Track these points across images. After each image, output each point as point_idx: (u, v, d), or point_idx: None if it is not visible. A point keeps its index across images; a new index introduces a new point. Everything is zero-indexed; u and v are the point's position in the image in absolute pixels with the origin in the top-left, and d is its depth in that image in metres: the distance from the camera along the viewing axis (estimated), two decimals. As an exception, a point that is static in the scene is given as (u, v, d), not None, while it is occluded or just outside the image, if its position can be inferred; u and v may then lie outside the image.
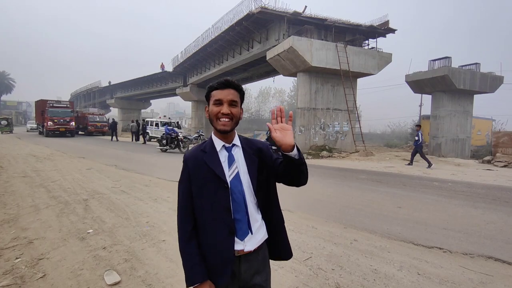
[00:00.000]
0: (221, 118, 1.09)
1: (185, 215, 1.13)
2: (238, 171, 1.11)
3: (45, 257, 2.78)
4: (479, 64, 18.41)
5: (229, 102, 1.10)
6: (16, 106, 58.43)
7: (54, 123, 22.48)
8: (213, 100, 1.11)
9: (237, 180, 1.10)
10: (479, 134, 29.17)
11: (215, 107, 1.11)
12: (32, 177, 6.63)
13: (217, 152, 1.12)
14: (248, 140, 1.22)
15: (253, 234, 1.10)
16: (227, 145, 1.14)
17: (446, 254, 2.95)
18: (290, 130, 1.04)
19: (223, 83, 1.11)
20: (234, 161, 1.12)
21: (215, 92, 1.12)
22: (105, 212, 4.17)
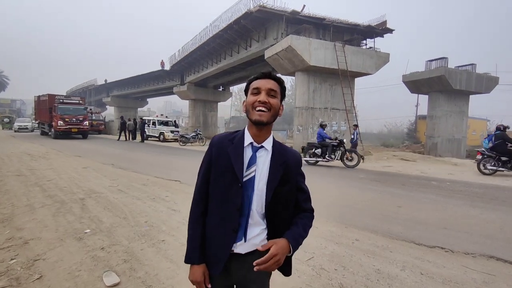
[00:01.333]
0: (258, 107, 1.01)
1: (199, 198, 1.12)
2: (254, 176, 1.04)
3: (41, 258, 2.71)
4: (475, 65, 18.59)
5: (268, 90, 1.02)
6: (10, 104, 57.58)
7: (65, 122, 18.72)
8: (251, 89, 1.05)
9: (250, 184, 1.03)
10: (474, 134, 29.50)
11: (252, 96, 1.04)
12: (27, 176, 6.51)
13: (243, 147, 1.05)
14: (282, 147, 1.12)
15: (246, 242, 1.05)
16: (255, 145, 1.06)
17: (448, 253, 2.94)
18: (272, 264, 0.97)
19: (264, 73, 1.06)
20: (254, 164, 1.04)
21: (254, 82, 1.06)
22: (103, 211, 4.10)
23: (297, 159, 1.13)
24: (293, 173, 1.09)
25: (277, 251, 0.96)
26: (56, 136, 19.13)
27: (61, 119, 18.66)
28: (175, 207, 4.41)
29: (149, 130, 21.37)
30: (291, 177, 1.08)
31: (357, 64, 14.32)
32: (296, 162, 1.12)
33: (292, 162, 1.09)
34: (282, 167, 1.06)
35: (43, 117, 21.64)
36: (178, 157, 11.32)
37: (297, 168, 1.12)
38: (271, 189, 1.03)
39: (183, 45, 23.87)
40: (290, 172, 1.08)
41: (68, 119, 18.97)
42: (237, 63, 19.47)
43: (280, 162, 1.06)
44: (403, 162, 11.26)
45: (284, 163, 1.07)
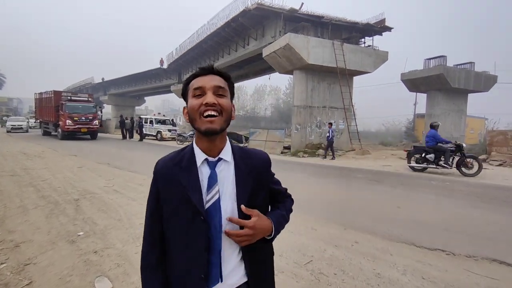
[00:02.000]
0: (205, 112, 0.79)
1: (152, 241, 0.88)
2: (219, 197, 0.82)
3: (32, 262, 2.63)
4: (473, 63, 18.58)
5: (214, 88, 0.81)
6: (7, 102, 57.12)
7: (74, 121, 16.96)
8: (192, 90, 0.82)
9: (215, 209, 0.81)
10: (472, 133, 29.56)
11: (195, 100, 0.80)
12: (21, 176, 6.40)
13: (196, 168, 0.83)
14: (245, 152, 0.92)
15: (223, 281, 0.82)
16: (210, 159, 0.84)
17: (449, 256, 2.89)
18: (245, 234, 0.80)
19: (204, 68, 0.85)
20: (216, 183, 0.82)
21: (194, 80, 0.84)
22: (97, 213, 4.01)
23: (264, 160, 0.94)
24: (264, 179, 0.92)
25: (256, 225, 0.81)
26: (63, 137, 17.22)
27: (69, 118, 16.81)
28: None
29: (147, 128, 21.21)
30: (264, 185, 0.92)
31: (356, 62, 14.25)
32: (264, 164, 0.93)
33: (261, 167, 0.91)
34: (251, 177, 0.87)
35: (46, 116, 19.77)
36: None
37: (267, 171, 0.94)
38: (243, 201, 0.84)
39: (181, 43, 23.73)
40: (261, 179, 0.90)
41: (77, 118, 17.14)
42: (235, 61, 19.35)
43: (247, 171, 0.87)
44: (402, 161, 11.22)
45: (252, 170, 0.88)
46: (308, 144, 14.22)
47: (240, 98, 51.45)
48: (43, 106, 20.50)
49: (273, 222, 0.87)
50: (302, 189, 5.89)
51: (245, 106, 51.71)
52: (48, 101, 19.31)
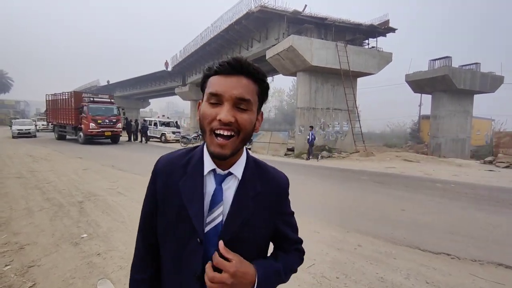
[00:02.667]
0: (217, 130, 0.62)
1: (144, 254, 0.77)
2: (222, 220, 0.67)
3: (36, 264, 2.65)
4: (479, 64, 18.36)
5: (235, 101, 0.62)
6: (14, 105, 58.03)
7: (98, 124, 15.73)
8: (208, 93, 0.64)
9: (216, 233, 0.66)
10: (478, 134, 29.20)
11: (210, 108, 0.63)
12: (27, 178, 6.49)
13: (202, 178, 0.68)
14: (260, 169, 0.74)
15: None
16: (219, 172, 0.69)
17: (454, 260, 2.85)
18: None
19: (230, 63, 0.63)
20: (221, 202, 0.67)
21: (213, 79, 0.65)
22: (101, 215, 4.05)
23: (280, 186, 0.75)
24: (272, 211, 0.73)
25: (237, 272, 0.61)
26: (85, 141, 16.05)
27: (92, 121, 15.54)
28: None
29: (151, 131, 21.34)
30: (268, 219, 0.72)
31: (359, 64, 14.19)
32: (279, 191, 0.74)
33: (270, 194, 0.72)
34: (252, 201, 0.69)
35: (63, 119, 18.20)
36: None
37: (277, 202, 0.74)
38: (228, 231, 0.66)
39: (185, 46, 23.90)
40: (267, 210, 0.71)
41: (101, 120, 15.82)
42: (238, 64, 19.40)
43: (252, 193, 0.69)
44: (406, 163, 11.13)
45: (258, 195, 0.70)
46: (312, 146, 14.17)
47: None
48: (58, 108, 18.87)
49: (257, 273, 0.65)
50: (304, 191, 5.87)
51: (249, 108, 51.66)
52: (65, 103, 17.70)
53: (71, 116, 16.90)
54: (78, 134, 16.77)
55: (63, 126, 18.73)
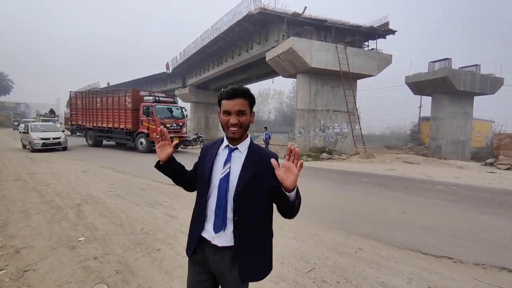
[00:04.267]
0: (230, 128, 1.16)
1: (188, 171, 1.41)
2: (229, 172, 1.18)
3: (32, 268, 2.61)
4: (479, 66, 18.37)
5: (237, 112, 1.15)
6: (15, 107, 58.06)
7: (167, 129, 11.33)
8: (222, 110, 1.18)
9: (225, 179, 1.18)
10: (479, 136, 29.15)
11: (224, 117, 1.18)
12: (26, 180, 6.45)
13: (218, 149, 1.26)
14: (259, 150, 1.24)
15: (225, 232, 1.17)
16: (230, 147, 1.23)
17: (456, 264, 2.80)
18: (296, 175, 1.03)
19: (230, 93, 1.15)
20: (229, 162, 1.20)
21: (224, 102, 1.17)
22: (99, 218, 4.00)
23: (268, 157, 1.17)
24: (266, 173, 1.16)
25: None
26: (148, 150, 13.23)
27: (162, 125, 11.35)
28: (173, 213, 4.31)
29: (151, 132, 21.25)
30: (264, 176, 1.17)
31: (359, 65, 14.19)
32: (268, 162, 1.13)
33: (265, 163, 1.15)
34: (254, 166, 1.18)
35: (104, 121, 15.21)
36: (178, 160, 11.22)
37: (270, 167, 1.12)
38: (241, 184, 1.15)
39: (185, 48, 23.92)
40: (262, 172, 1.17)
41: (169, 124, 13.30)
42: (238, 66, 19.42)
43: (253, 162, 1.19)
44: (407, 165, 11.09)
45: (257, 163, 1.18)
46: (312, 147, 14.14)
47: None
48: (95, 108, 15.82)
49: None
50: (304, 193, 5.82)
51: (249, 110, 51.71)
52: (113, 102, 14.63)
53: (125, 119, 14.00)
54: (137, 141, 13.75)
55: (104, 130, 15.53)
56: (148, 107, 13.23)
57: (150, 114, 13.15)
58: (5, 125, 48.41)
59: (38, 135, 12.74)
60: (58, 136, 13.34)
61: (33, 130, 13.19)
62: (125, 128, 14.17)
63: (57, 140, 13.13)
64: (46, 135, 12.94)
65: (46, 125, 14.58)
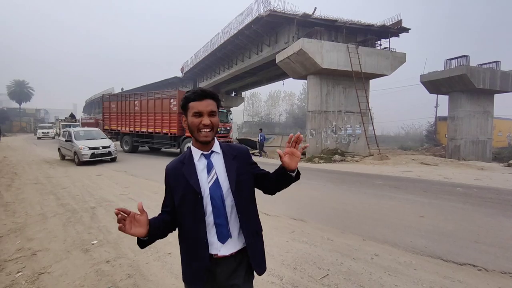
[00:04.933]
0: (202, 129, 1.11)
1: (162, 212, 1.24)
2: (217, 177, 1.14)
3: (47, 271, 2.65)
4: (499, 62, 17.61)
5: (209, 113, 1.11)
6: (35, 113, 60.58)
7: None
8: (192, 112, 1.12)
9: (216, 185, 1.13)
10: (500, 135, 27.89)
11: (195, 119, 1.11)
12: (44, 184, 6.65)
13: (194, 162, 1.16)
14: (229, 146, 1.25)
15: (232, 238, 1.14)
16: (205, 153, 1.17)
17: (481, 272, 2.63)
18: (299, 158, 1.11)
19: (200, 94, 1.11)
20: (213, 168, 1.15)
21: (194, 103, 1.11)
22: (112, 221, 4.05)
23: (244, 151, 1.26)
24: (245, 164, 1.22)
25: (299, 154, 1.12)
26: None
27: None
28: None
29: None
30: (244, 168, 1.21)
31: (372, 65, 13.90)
32: (244, 154, 1.24)
33: (241, 155, 1.22)
34: (235, 161, 1.19)
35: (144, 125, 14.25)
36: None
37: (246, 159, 1.24)
38: (233, 180, 1.15)
39: (196, 52, 24.25)
40: (242, 164, 1.21)
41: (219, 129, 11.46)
42: (248, 68, 19.47)
43: (231, 158, 1.19)
44: (424, 167, 10.70)
45: (235, 157, 1.20)
46: (324, 149, 13.92)
47: (254, 105, 51.59)
48: (134, 112, 14.79)
49: None
50: (316, 196, 5.71)
51: (260, 112, 51.80)
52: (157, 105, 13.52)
53: (169, 123, 12.86)
54: (183, 146, 12.49)
55: (143, 135, 14.57)
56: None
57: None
58: (26, 131, 50.54)
59: (85, 143, 10.53)
60: (108, 145, 11.08)
61: (77, 138, 10.78)
62: (169, 132, 12.98)
63: (107, 149, 10.89)
64: (94, 144, 10.70)
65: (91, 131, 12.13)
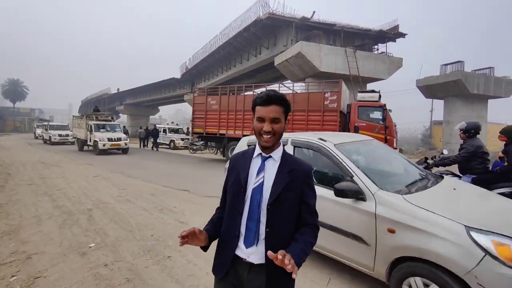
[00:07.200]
0: (263, 135, 1.10)
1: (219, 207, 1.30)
2: (263, 182, 1.12)
3: (42, 275, 2.59)
4: (493, 68, 17.94)
5: (271, 120, 1.09)
6: (29, 112, 59.80)
7: None
8: (256, 116, 1.12)
9: (258, 189, 1.11)
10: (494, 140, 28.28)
11: (258, 124, 1.11)
12: (38, 185, 6.54)
13: (251, 158, 1.19)
14: (293, 159, 1.19)
15: (257, 247, 1.09)
16: (263, 155, 1.17)
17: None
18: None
19: (265, 99, 1.09)
20: (262, 171, 1.14)
21: (258, 108, 1.11)
22: (109, 223, 3.99)
23: (305, 170, 1.16)
24: (299, 182, 1.13)
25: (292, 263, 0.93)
26: None
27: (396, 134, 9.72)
28: (183, 219, 4.26)
29: (160, 138, 21.46)
30: (296, 186, 1.12)
31: (369, 69, 14.04)
32: (303, 173, 1.15)
33: (299, 172, 1.14)
34: (288, 175, 1.12)
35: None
36: (187, 165, 11.24)
37: (304, 178, 1.15)
38: (274, 193, 1.09)
39: (194, 54, 24.25)
40: (295, 181, 1.12)
41: None
42: (247, 70, 19.51)
43: (286, 171, 1.13)
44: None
45: (291, 172, 1.13)
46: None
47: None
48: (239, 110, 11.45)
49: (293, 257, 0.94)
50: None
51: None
52: (299, 101, 10.10)
53: (322, 124, 9.60)
54: None
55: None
56: (373, 109, 9.23)
57: (378, 119, 9.06)
58: (20, 130, 49.85)
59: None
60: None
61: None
62: None
63: None
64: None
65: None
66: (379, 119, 9.03)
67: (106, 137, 12.84)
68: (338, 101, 9.30)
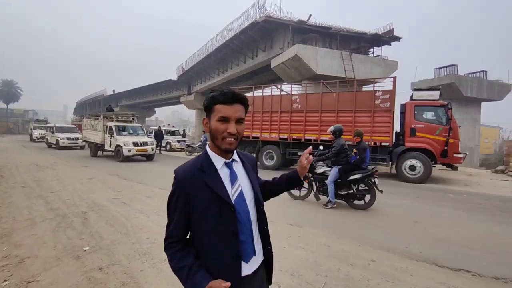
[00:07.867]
0: (228, 138, 0.97)
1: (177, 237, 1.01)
2: (242, 189, 1.03)
3: (36, 279, 2.55)
4: (486, 72, 18.22)
5: (236, 119, 0.97)
6: (23, 114, 59.07)
7: None
8: (218, 116, 0.97)
9: (241, 198, 1.01)
10: (487, 142, 28.68)
11: (220, 125, 0.97)
12: (32, 188, 6.46)
13: (217, 171, 1.01)
14: (243, 154, 1.17)
15: (256, 256, 1.03)
16: (227, 161, 1.04)
17: (475, 278, 2.67)
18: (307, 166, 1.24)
19: (230, 97, 0.96)
20: (237, 179, 1.03)
21: (220, 107, 0.96)
22: (104, 226, 3.95)
23: (254, 159, 1.23)
24: (256, 173, 1.18)
25: None
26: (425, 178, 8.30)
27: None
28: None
29: (158, 139, 21.30)
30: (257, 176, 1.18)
31: (365, 72, 14.16)
32: (254, 162, 1.21)
33: (253, 163, 1.19)
34: (253, 170, 1.15)
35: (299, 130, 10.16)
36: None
37: (256, 167, 1.22)
38: (257, 192, 1.07)
39: (190, 56, 24.25)
40: (256, 173, 1.18)
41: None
42: (243, 73, 19.55)
43: (249, 167, 1.12)
44: (415, 172, 10.86)
45: (252, 166, 1.15)
46: (317, 154, 14.01)
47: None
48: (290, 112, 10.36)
49: None
50: (311, 202, 5.71)
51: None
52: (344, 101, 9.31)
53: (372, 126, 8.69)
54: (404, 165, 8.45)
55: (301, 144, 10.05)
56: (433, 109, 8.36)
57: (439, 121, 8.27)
58: (13, 132, 49.19)
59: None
60: None
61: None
62: (372, 141, 8.66)
63: None
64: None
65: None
66: (440, 120, 8.25)
67: (131, 142, 10.91)
68: (392, 100, 8.36)
